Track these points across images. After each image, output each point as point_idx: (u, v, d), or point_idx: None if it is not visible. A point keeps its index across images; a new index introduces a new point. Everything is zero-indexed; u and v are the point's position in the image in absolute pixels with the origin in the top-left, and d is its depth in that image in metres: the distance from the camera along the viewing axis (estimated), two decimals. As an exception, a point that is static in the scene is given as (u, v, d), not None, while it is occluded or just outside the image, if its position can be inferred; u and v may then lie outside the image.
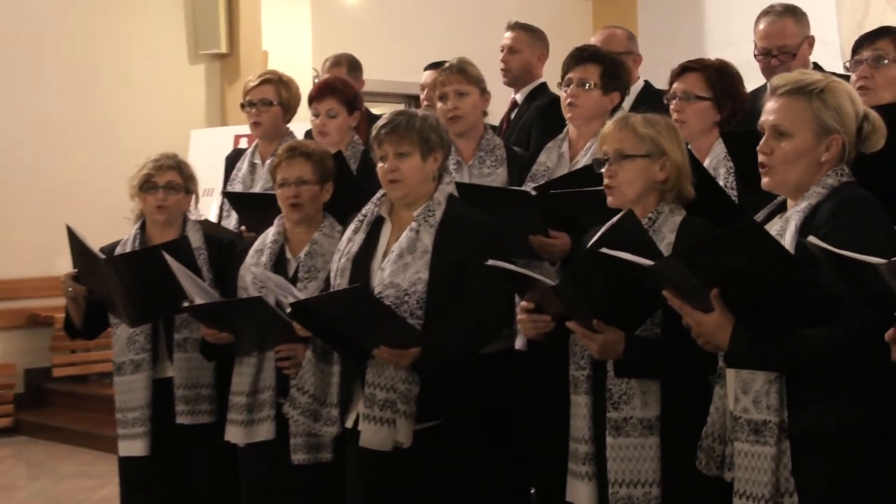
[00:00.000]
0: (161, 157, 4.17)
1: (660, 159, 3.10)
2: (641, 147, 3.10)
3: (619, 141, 3.12)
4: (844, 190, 2.65)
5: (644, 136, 3.10)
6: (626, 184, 3.10)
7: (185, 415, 3.98)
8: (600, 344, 2.92)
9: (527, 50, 5.14)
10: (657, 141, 3.10)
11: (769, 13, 4.43)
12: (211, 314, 3.75)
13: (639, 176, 3.09)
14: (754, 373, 2.63)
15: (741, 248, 2.45)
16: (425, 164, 3.42)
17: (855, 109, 2.70)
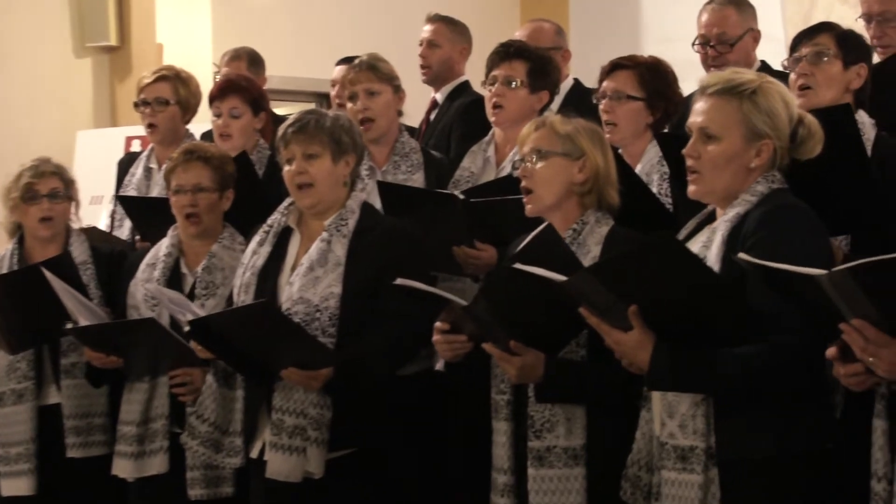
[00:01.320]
0: (38, 162, 4.12)
1: (578, 160, 3.15)
2: (558, 145, 3.16)
3: (536, 140, 3.18)
4: (775, 197, 2.71)
5: (562, 133, 3.16)
6: (542, 184, 3.15)
7: (76, 447, 3.94)
8: (518, 367, 2.95)
9: (447, 44, 5.19)
10: (575, 140, 3.16)
11: (712, 2, 4.55)
12: (97, 336, 3.73)
13: (556, 174, 3.15)
14: (680, 396, 2.68)
15: (658, 264, 2.52)
16: (336, 168, 3.45)
17: (789, 113, 2.77)
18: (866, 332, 2.27)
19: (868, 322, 2.26)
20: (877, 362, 2.30)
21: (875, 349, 2.28)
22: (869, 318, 2.26)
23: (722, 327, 2.59)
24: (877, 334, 2.26)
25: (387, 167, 4.19)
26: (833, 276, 2.23)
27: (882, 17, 4.22)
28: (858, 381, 2.42)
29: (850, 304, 2.27)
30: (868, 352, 2.30)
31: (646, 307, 2.59)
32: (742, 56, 4.44)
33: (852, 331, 2.29)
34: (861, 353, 2.32)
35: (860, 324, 2.27)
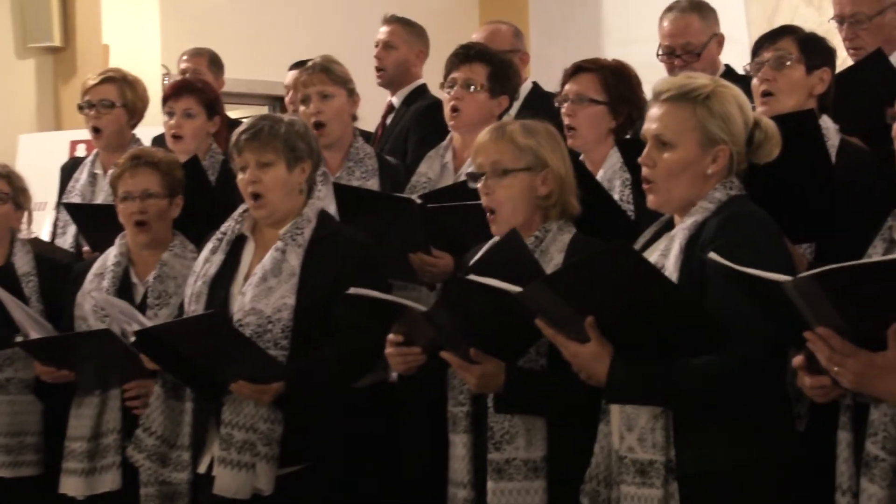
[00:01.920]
0: None
1: (541, 172, 3.15)
2: (521, 159, 3.15)
3: (496, 153, 3.16)
4: (733, 204, 2.73)
5: (524, 146, 3.15)
6: (506, 202, 3.14)
7: (5, 467, 3.90)
8: (478, 376, 2.96)
9: (404, 46, 5.19)
10: (538, 152, 3.15)
11: (673, 9, 4.56)
12: (49, 350, 3.70)
13: (520, 193, 3.14)
14: (639, 408, 2.69)
15: (613, 274, 2.53)
16: (291, 176, 3.44)
17: (744, 117, 2.78)
18: (831, 342, 2.28)
19: (833, 331, 2.27)
20: (842, 372, 2.30)
21: (840, 359, 2.29)
22: (834, 327, 2.27)
23: (680, 338, 2.60)
24: (842, 344, 2.27)
25: (340, 173, 4.18)
26: (798, 282, 2.24)
27: (854, 18, 4.25)
28: (824, 393, 2.44)
29: (815, 311, 2.28)
30: (833, 361, 2.30)
31: (602, 318, 2.59)
32: (708, 63, 4.47)
33: (817, 339, 2.30)
34: (826, 363, 2.32)
35: (825, 332, 2.28)
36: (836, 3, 4.33)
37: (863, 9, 4.24)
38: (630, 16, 8.11)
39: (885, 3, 4.24)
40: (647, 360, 2.62)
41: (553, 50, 7.90)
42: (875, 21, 4.22)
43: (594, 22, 8.71)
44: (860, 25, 4.23)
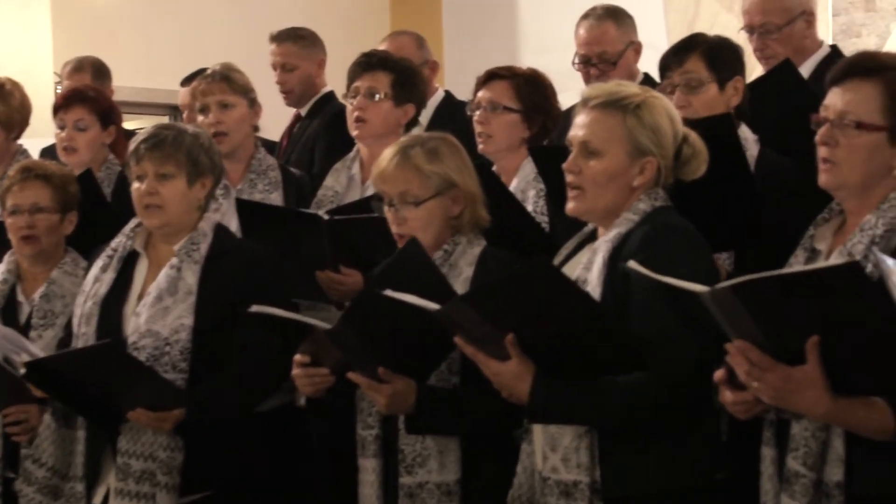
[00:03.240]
0: None
1: (451, 193, 3.15)
2: (430, 187, 3.14)
3: (403, 182, 3.14)
4: (658, 216, 2.75)
5: (430, 173, 3.13)
6: (419, 230, 3.12)
7: None
8: (387, 396, 2.94)
9: (303, 63, 5.20)
10: (445, 175, 3.14)
11: (589, 16, 4.58)
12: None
13: (433, 218, 3.13)
14: (563, 428, 2.70)
15: (533, 290, 2.53)
16: (191, 191, 3.41)
17: (674, 130, 2.81)
18: (750, 355, 2.29)
19: (752, 344, 2.29)
20: (761, 387, 2.32)
21: (759, 373, 2.30)
22: (753, 340, 2.29)
23: (604, 355, 2.61)
24: (761, 357, 2.29)
25: (242, 185, 4.16)
26: (715, 293, 2.26)
27: (764, 28, 4.33)
28: (746, 409, 2.45)
29: (733, 324, 2.29)
30: (752, 376, 2.32)
31: (523, 335, 2.60)
32: (625, 72, 4.50)
33: (736, 353, 2.32)
34: (745, 378, 2.34)
35: (743, 345, 2.29)
36: (745, 14, 4.42)
37: (772, 19, 4.32)
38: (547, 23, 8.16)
39: (795, 13, 4.34)
40: (570, 378, 2.63)
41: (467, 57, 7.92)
42: (785, 31, 4.31)
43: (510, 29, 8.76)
44: (770, 35, 4.31)
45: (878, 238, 2.45)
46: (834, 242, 2.59)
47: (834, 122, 2.53)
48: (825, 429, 2.43)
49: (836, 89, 2.56)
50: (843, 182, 2.54)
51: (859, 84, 2.52)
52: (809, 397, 2.29)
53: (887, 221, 2.47)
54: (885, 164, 2.51)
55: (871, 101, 2.50)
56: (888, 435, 2.35)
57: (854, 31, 7.19)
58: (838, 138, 2.52)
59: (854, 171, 2.52)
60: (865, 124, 2.49)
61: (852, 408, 2.33)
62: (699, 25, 7.69)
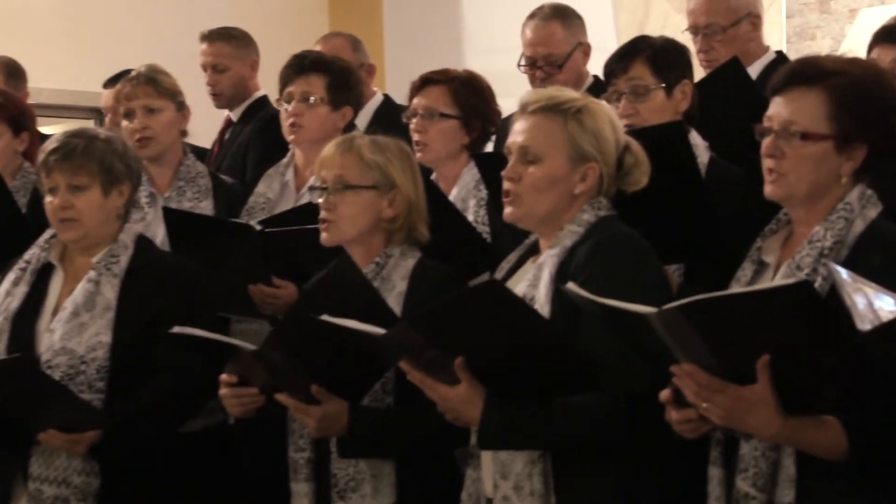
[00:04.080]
0: None
1: (388, 193, 3.13)
2: (368, 176, 3.13)
3: (341, 167, 3.14)
4: (603, 227, 2.74)
5: (371, 163, 3.14)
6: (346, 219, 3.12)
7: None
8: (318, 419, 2.92)
9: (235, 63, 5.17)
10: (387, 171, 3.13)
11: (535, 16, 4.58)
12: None
13: (363, 211, 3.12)
14: (514, 454, 2.68)
15: (482, 311, 2.51)
16: (107, 200, 3.37)
17: (616, 137, 2.80)
18: (697, 378, 2.29)
19: (700, 365, 2.28)
20: (710, 408, 2.31)
21: (708, 394, 2.30)
22: (701, 361, 2.28)
23: (557, 377, 2.59)
24: (709, 380, 2.28)
25: (170, 193, 4.13)
26: (663, 314, 2.25)
27: (709, 30, 4.35)
28: (693, 428, 2.44)
29: (681, 344, 2.28)
30: (701, 397, 2.31)
31: (473, 358, 2.58)
32: (572, 75, 4.50)
33: (683, 375, 2.31)
34: (693, 399, 2.33)
35: (691, 368, 2.29)
36: (689, 14, 4.43)
37: (717, 20, 4.34)
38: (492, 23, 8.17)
39: (740, 14, 4.36)
40: (522, 401, 2.61)
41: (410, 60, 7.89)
42: (729, 32, 4.34)
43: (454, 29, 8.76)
44: (715, 37, 4.34)
45: (826, 250, 2.46)
46: (782, 255, 2.60)
47: (779, 132, 2.53)
48: (776, 448, 2.43)
49: (778, 99, 2.56)
50: (790, 193, 2.54)
51: (802, 93, 2.52)
52: (760, 417, 2.29)
53: (836, 233, 2.47)
54: (832, 173, 2.52)
55: (816, 109, 2.50)
56: (840, 455, 2.35)
57: (808, 33, 7.26)
58: (784, 149, 2.52)
59: (802, 182, 2.52)
60: (811, 134, 2.50)
61: (804, 427, 2.33)
62: (650, 27, 7.73)
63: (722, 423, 2.37)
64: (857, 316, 2.12)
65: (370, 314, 2.75)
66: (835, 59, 2.58)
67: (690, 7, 4.43)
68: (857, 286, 2.21)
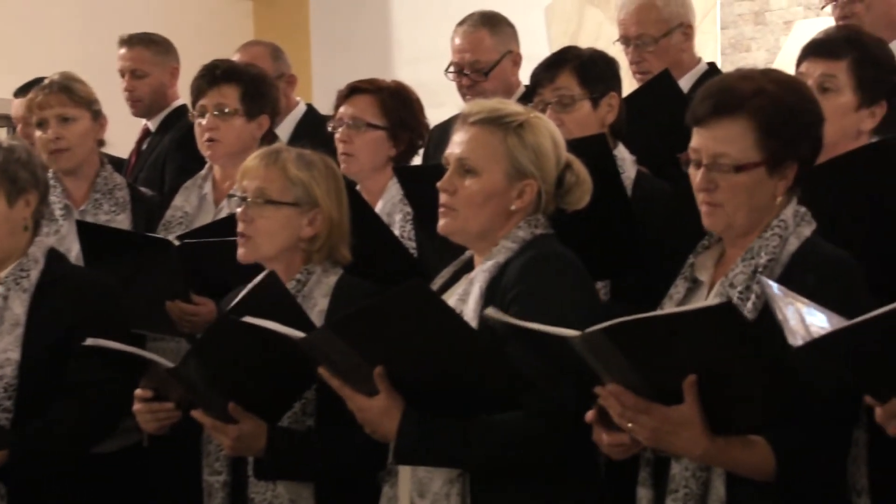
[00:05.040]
0: None
1: (310, 212, 3.12)
2: (290, 193, 3.12)
3: (264, 179, 3.13)
4: (538, 245, 2.74)
5: (295, 179, 3.12)
6: (263, 235, 3.11)
7: None
8: (234, 438, 2.89)
9: (155, 70, 5.13)
10: (310, 189, 3.12)
11: (464, 23, 4.59)
12: None
13: (281, 228, 3.11)
14: (433, 470, 2.67)
15: (406, 317, 2.50)
16: (12, 211, 3.34)
17: (557, 153, 2.80)
18: (622, 399, 2.31)
19: (626, 386, 2.30)
20: (636, 429, 2.33)
21: (633, 415, 2.31)
22: (627, 382, 2.29)
23: (482, 391, 2.59)
24: (635, 400, 2.30)
25: (86, 206, 4.09)
26: (586, 337, 2.26)
27: (640, 41, 4.38)
28: (623, 450, 2.46)
29: (606, 365, 2.30)
30: (626, 418, 2.33)
31: (394, 368, 2.57)
32: (500, 83, 4.50)
33: (608, 396, 2.33)
34: (619, 420, 2.35)
35: (616, 389, 2.31)
36: (620, 24, 4.46)
37: (648, 30, 4.37)
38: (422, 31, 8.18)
39: (672, 25, 4.39)
40: (442, 415, 2.61)
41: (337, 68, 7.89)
42: (661, 43, 4.37)
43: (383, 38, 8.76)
44: (646, 48, 4.37)
45: (760, 268, 2.48)
46: (716, 273, 2.61)
47: (709, 166, 2.54)
48: (706, 469, 2.44)
49: (703, 131, 2.56)
50: (729, 224, 2.56)
51: (727, 123, 2.52)
52: (687, 438, 2.31)
53: (770, 251, 2.50)
54: (767, 196, 2.54)
55: (743, 139, 2.51)
56: (769, 475, 2.38)
57: (743, 45, 7.34)
58: (717, 181, 2.53)
59: (739, 211, 2.54)
60: (743, 165, 2.51)
61: (732, 448, 2.36)
62: (583, 36, 7.78)
63: (648, 444, 2.39)
64: (789, 331, 2.14)
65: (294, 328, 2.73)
66: (750, 78, 2.58)
67: (621, 17, 4.46)
68: (789, 300, 2.23)
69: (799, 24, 6.99)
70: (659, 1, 4.39)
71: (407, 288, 2.52)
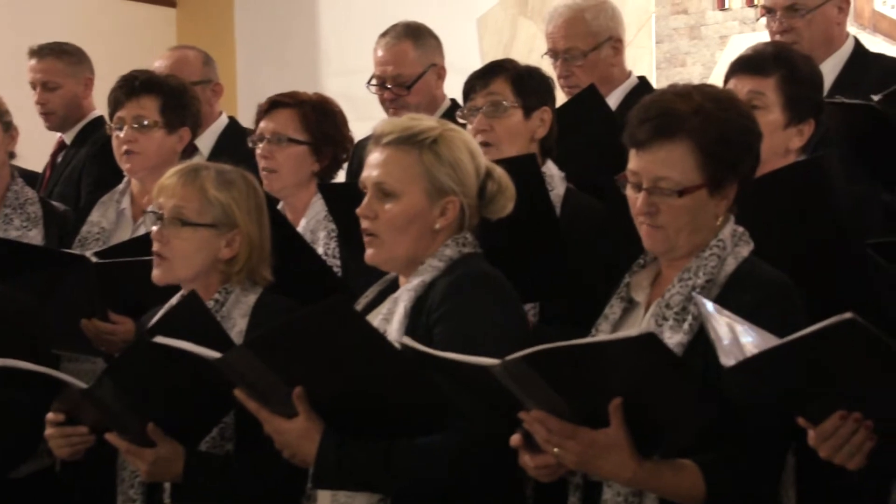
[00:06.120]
0: None
1: (228, 233, 3.11)
2: (208, 214, 3.11)
3: (181, 198, 3.11)
4: (464, 264, 2.75)
5: (214, 200, 3.11)
6: (179, 257, 3.10)
7: None
8: (150, 462, 2.88)
9: (68, 81, 5.10)
10: (229, 210, 3.11)
11: (387, 35, 4.58)
12: None
13: (198, 250, 3.10)
14: (353, 495, 2.67)
15: (328, 337, 2.50)
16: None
17: (475, 164, 2.81)
18: (547, 424, 2.32)
19: (550, 411, 2.31)
20: (563, 454, 2.35)
21: (560, 440, 2.33)
22: (551, 407, 2.31)
23: (405, 413, 2.59)
24: (560, 425, 2.32)
25: (-5, 221, 4.05)
26: (507, 364, 2.28)
27: (568, 54, 4.38)
28: (549, 472, 2.46)
29: (529, 392, 2.31)
30: (552, 443, 2.34)
31: (314, 389, 2.57)
32: (424, 97, 4.51)
33: (532, 421, 2.34)
34: (544, 445, 2.36)
35: (540, 415, 2.32)
36: (548, 38, 4.45)
37: (577, 44, 4.37)
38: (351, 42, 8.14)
39: (601, 39, 4.39)
40: (363, 438, 2.61)
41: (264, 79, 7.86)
42: (590, 57, 4.37)
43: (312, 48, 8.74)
44: (575, 62, 4.36)
45: (698, 288, 2.50)
46: (652, 293, 2.63)
47: (650, 189, 2.55)
48: (638, 494, 2.46)
49: (643, 154, 2.57)
50: (671, 246, 2.58)
51: (667, 147, 2.54)
52: (614, 461, 2.33)
53: (708, 271, 2.52)
54: (709, 216, 2.57)
55: (683, 162, 2.53)
56: (699, 499, 2.40)
57: (678, 59, 7.39)
58: (659, 205, 2.55)
59: (681, 234, 2.56)
60: (686, 189, 2.53)
61: (661, 471, 2.38)
62: (516, 49, 7.81)
63: (575, 468, 2.41)
64: (722, 351, 2.17)
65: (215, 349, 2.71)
66: (687, 97, 2.59)
67: (549, 30, 4.45)
68: (724, 319, 2.26)
69: (734, 38, 7.05)
70: (588, 14, 4.39)
71: (328, 305, 2.52)
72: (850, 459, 2.18)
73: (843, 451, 2.18)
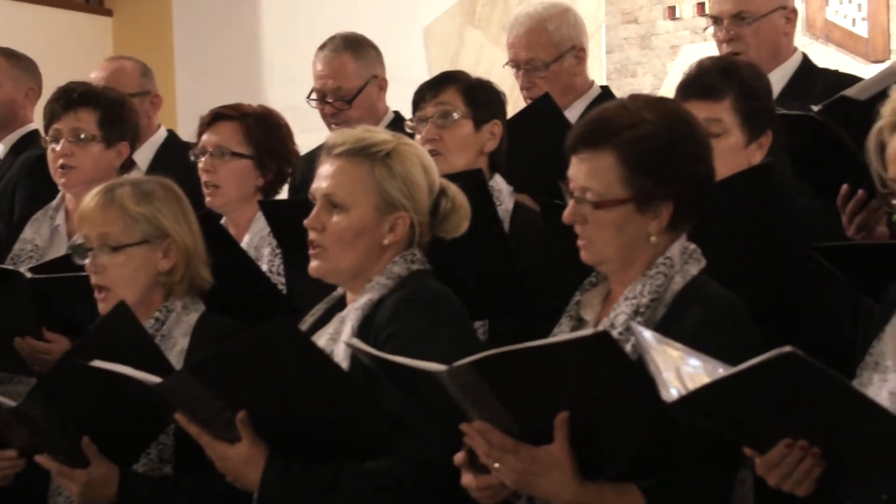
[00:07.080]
0: None
1: (161, 244, 3.11)
2: (136, 231, 3.10)
3: (104, 224, 3.10)
4: (413, 281, 2.76)
5: (137, 216, 3.10)
6: (121, 283, 3.09)
7: None
8: (83, 484, 2.86)
9: (9, 83, 5.05)
10: (156, 221, 3.11)
11: (326, 47, 4.55)
12: None
13: (136, 270, 3.10)
14: None
15: (272, 359, 2.49)
16: None
17: (429, 181, 2.82)
18: (489, 437, 2.32)
19: (495, 424, 2.31)
20: (503, 470, 2.35)
21: (500, 455, 2.33)
22: (496, 420, 2.31)
23: (352, 435, 2.59)
24: (502, 439, 2.32)
25: (-77, 236, 4.03)
26: (454, 371, 2.27)
27: (530, 65, 4.38)
28: (491, 494, 2.46)
29: (474, 402, 2.31)
30: (493, 458, 2.34)
31: (258, 413, 2.56)
32: (366, 110, 4.49)
33: (474, 434, 2.34)
34: (485, 460, 2.36)
35: (482, 426, 2.32)
36: (509, 48, 4.44)
37: (539, 55, 4.36)
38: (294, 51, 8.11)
39: (564, 49, 4.39)
40: (310, 463, 2.61)
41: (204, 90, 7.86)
42: (553, 68, 4.37)
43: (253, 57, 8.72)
44: (537, 73, 4.36)
45: (642, 308, 2.50)
46: (602, 312, 2.64)
47: (577, 199, 2.56)
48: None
49: (574, 160, 2.58)
50: (602, 258, 2.58)
51: (594, 156, 2.54)
52: (555, 481, 2.33)
53: (653, 289, 2.52)
54: (639, 234, 2.55)
55: (608, 173, 2.53)
56: (642, 524, 2.39)
57: (629, 69, 7.41)
58: (585, 215, 2.55)
59: (608, 247, 2.55)
60: (605, 202, 2.53)
61: (602, 494, 2.37)
62: (463, 59, 7.83)
63: (515, 487, 2.40)
64: (661, 384, 2.15)
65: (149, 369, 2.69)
66: (630, 108, 2.59)
67: (510, 40, 4.45)
68: (663, 349, 2.23)
69: (685, 48, 7.09)
70: (550, 24, 4.40)
71: (271, 327, 2.51)
72: (798, 486, 2.18)
73: (791, 478, 2.18)
